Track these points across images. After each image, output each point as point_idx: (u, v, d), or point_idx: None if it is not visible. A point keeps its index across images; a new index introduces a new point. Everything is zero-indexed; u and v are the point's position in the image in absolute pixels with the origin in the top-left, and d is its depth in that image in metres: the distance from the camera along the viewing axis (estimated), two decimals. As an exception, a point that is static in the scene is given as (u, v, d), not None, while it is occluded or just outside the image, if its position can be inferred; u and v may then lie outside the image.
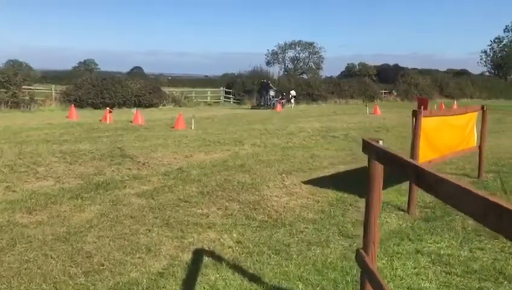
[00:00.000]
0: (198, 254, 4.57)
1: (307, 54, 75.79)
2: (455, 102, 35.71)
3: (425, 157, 6.49)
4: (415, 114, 6.00)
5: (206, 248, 4.74)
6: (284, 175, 8.28)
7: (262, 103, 30.35)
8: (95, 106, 25.76)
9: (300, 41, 74.35)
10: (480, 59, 71.35)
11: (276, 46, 75.00)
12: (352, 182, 7.70)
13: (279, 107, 28.14)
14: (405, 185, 7.57)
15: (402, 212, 6.12)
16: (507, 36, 69.35)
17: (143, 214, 5.86)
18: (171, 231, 5.23)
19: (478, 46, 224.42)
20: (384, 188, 7.51)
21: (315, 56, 75.11)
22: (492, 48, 67.67)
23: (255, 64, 53.86)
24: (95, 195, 6.71)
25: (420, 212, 6.16)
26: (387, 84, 47.08)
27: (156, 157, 9.89)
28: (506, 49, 65.06)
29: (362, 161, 10.37)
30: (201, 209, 6.10)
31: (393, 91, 43.94)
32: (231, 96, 34.79)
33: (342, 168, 9.13)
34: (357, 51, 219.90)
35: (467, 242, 5.05)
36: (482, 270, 4.31)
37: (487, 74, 65.74)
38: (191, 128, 15.84)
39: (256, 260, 4.42)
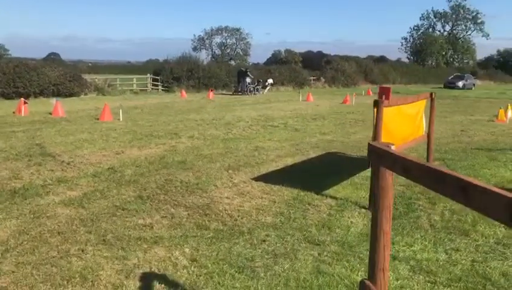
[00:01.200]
0: (146, 280, 3.77)
1: (234, 40, 75.13)
2: (369, 89, 36.85)
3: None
4: (377, 104, 5.54)
5: (156, 271, 3.94)
6: (231, 172, 7.59)
7: (239, 90, 31.58)
8: (7, 96, 23.27)
9: (227, 27, 73.49)
10: (401, 45, 74.77)
11: (202, 32, 73.58)
12: (304, 177, 7.19)
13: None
14: (358, 178, 7.21)
15: (364, 210, 5.69)
16: (423, 24, 73.31)
17: (73, 228, 4.90)
18: (109, 249, 4.35)
19: (396, 34, 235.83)
20: (336, 182, 7.11)
21: (242, 42, 74.69)
22: (412, 35, 71.19)
23: (182, 50, 52.30)
24: (10, 206, 5.60)
25: (382, 209, 5.75)
26: (312, 71, 47.61)
27: (82, 155, 8.76)
28: (423, 37, 68.66)
29: (306, 152, 10.06)
30: (143, 218, 5.25)
31: (322, 78, 44.55)
32: (159, 83, 33.18)
33: (289, 161, 8.60)
34: (282, 38, 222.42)
35: (440, 243, 4.68)
36: (467, 276, 3.93)
37: (405, 60, 68.96)
38: (119, 119, 14.60)
39: (219, 283, 3.72)
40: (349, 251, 4.43)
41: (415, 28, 71.88)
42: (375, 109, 5.58)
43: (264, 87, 33.23)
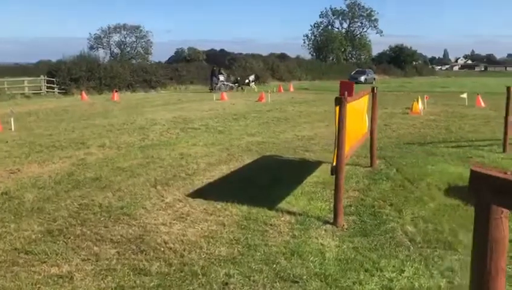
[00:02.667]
0: None
1: (134, 38, 71.92)
2: (291, 84, 37.10)
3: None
4: (340, 102, 4.72)
5: None
6: (160, 188, 6.37)
7: (210, 88, 31.68)
8: None
9: (125, 24, 70.08)
10: (304, 42, 76.72)
11: (99, 30, 69.38)
12: (248, 189, 6.22)
13: (223, 94, 25.22)
14: (308, 186, 6.41)
15: (329, 226, 4.86)
16: (322, 22, 75.87)
17: (-49, 294, 3.45)
18: (10, 325, 3.02)
19: (294, 32, 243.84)
20: (286, 193, 6.22)
21: (143, 40, 71.79)
22: (313, 33, 73.30)
23: (77, 49, 48.51)
24: None
25: (347, 222, 4.98)
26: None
27: (-36, 178, 6.96)
28: (324, 34, 71.04)
29: (240, 157, 9.05)
30: (58, 265, 3.92)
31: (231, 76, 43.83)
32: (55, 85, 30.04)
33: (224, 169, 7.57)
34: (184, 36, 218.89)
35: (431, 263, 3.98)
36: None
37: (307, 56, 70.77)
38: (11, 129, 12.46)
39: None
40: (336, 287, 3.54)
41: (316, 25, 74.18)
42: (338, 108, 4.76)
43: (246, 84, 33.32)
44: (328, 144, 9.88)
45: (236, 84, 33.63)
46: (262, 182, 6.65)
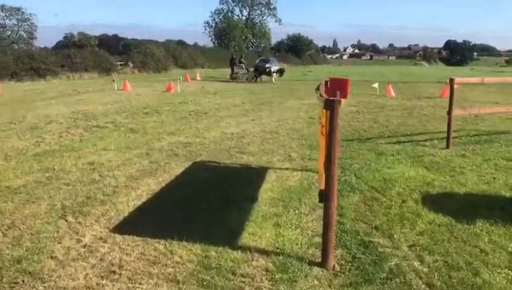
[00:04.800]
0: None
1: (15, 21, 64.47)
2: (198, 72, 35.49)
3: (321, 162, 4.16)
4: (331, 105, 3.51)
5: None
6: (71, 219, 4.69)
7: (230, 77, 30.47)
8: None
9: (3, 5, 62.43)
10: (205, 29, 74.74)
11: (-30, 12, 61.07)
12: (191, 213, 4.81)
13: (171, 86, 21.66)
14: (266, 206, 5.18)
15: (318, 270, 3.68)
16: (223, 9, 74.61)
17: None
18: None
19: (193, 18, 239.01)
20: (244, 218, 4.80)
21: (25, 24, 64.63)
22: (214, 19, 71.71)
23: None
24: None
25: (336, 259, 3.84)
26: (118, 56, 43.54)
27: None
28: (226, 21, 69.83)
29: (166, 165, 7.31)
30: None
31: (129, 63, 40.88)
32: None
33: (151, 184, 6.03)
34: (73, 20, 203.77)
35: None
36: None
37: (205, 44, 68.96)
38: None
39: None
40: None
41: (216, 12, 72.69)
42: (329, 112, 3.55)
43: (265, 74, 29.79)
44: (263, 144, 8.75)
45: (254, 74, 30.19)
46: (206, 201, 5.27)
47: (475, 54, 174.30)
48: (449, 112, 8.41)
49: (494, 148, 8.37)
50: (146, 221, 4.66)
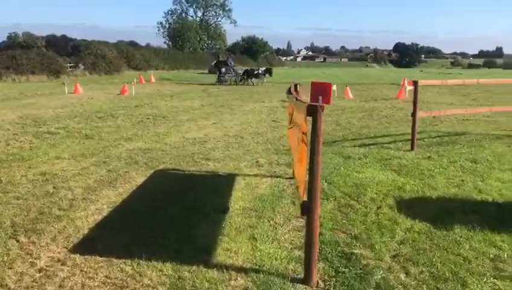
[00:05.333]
0: None
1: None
2: (152, 74, 34.65)
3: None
4: (314, 111, 3.26)
5: None
6: (23, 239, 4.20)
7: (217, 80, 29.44)
8: None
9: None
10: (158, 30, 73.21)
11: None
12: (159, 228, 4.44)
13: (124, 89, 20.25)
14: (239, 217, 4.89)
15: (301, 286, 3.43)
16: (176, 9, 73.46)
17: None
18: None
19: (144, 19, 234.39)
20: (215, 232, 4.39)
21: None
22: (167, 20, 70.40)
23: None
24: None
25: (319, 273, 3.59)
26: (68, 57, 41.86)
27: None
28: (180, 22, 68.71)
29: (126, 174, 6.81)
30: None
31: (80, 64, 39.35)
32: None
33: (111, 196, 5.58)
34: (17, 19, 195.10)
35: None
36: None
37: (159, 45, 67.59)
38: None
39: None
40: None
41: (169, 12, 71.44)
42: (311, 119, 3.31)
43: (255, 76, 28.72)
44: (228, 149, 8.45)
45: (242, 77, 28.93)
46: (173, 214, 4.91)
47: (423, 56, 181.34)
48: (413, 114, 8.41)
49: (457, 149, 8.46)
50: (109, 238, 4.25)
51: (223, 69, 30.06)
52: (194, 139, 9.48)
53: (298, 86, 6.26)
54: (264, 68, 30.77)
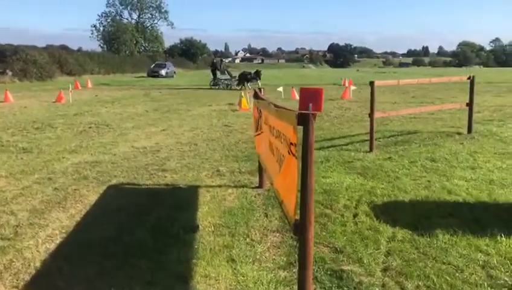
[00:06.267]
0: None
1: None
2: (89, 79, 33.02)
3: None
4: (306, 120, 2.94)
5: None
6: (-38, 283, 3.55)
7: (212, 83, 28.02)
8: None
9: None
10: (92, 33, 70.23)
11: None
12: (124, 254, 3.96)
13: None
14: (211, 236, 4.49)
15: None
16: (111, 12, 70.91)
17: None
18: None
19: (75, 22, 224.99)
20: (186, 256, 3.83)
21: None
22: (101, 23, 67.70)
23: None
24: None
25: (309, 298, 3.29)
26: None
27: None
28: (115, 24, 66.28)
29: (75, 192, 6.34)
30: None
31: (8, 71, 36.79)
32: None
33: (63, 219, 4.95)
34: None
35: None
36: None
37: (94, 49, 64.84)
38: None
39: None
40: None
41: (103, 15, 68.81)
42: (303, 128, 2.98)
43: (249, 81, 26.80)
44: (184, 158, 7.99)
45: (238, 81, 26.78)
46: (139, 237, 4.40)
47: (356, 56, 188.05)
48: (371, 115, 8.36)
49: (414, 149, 8.51)
50: (66, 272, 3.69)
51: (218, 72, 28.56)
52: (144, 148, 8.90)
53: (262, 89, 5.96)
54: (253, 71, 28.81)
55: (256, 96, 5.70)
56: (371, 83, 8.34)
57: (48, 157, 8.09)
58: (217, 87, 27.53)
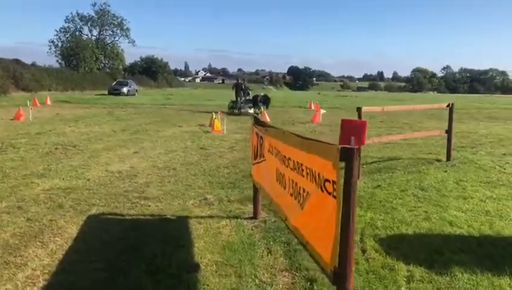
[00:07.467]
0: None
1: None
2: (48, 96, 31.68)
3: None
4: (350, 156, 2.64)
5: None
6: None
7: (235, 108, 23.02)
8: None
9: None
10: (50, 49, 67.94)
11: None
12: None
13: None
14: (211, 274, 4.08)
15: None
16: (69, 27, 69.12)
17: None
18: None
19: (27, 36, 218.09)
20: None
21: None
22: (60, 38, 65.70)
23: None
24: None
25: None
26: None
27: None
28: (74, 40, 64.47)
29: (54, 224, 5.55)
30: None
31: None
32: None
33: (42, 255, 4.39)
34: None
35: None
36: None
37: (50, 64, 62.46)
38: None
39: None
40: None
41: (62, 30, 66.90)
42: (346, 164, 2.68)
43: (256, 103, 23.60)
44: (164, 184, 7.52)
45: (253, 104, 23.61)
46: (135, 279, 3.92)
47: (314, 79, 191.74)
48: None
49: (400, 176, 8.40)
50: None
51: (242, 94, 24.46)
52: (119, 172, 8.33)
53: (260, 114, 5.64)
54: (262, 94, 25.96)
55: (257, 121, 5.38)
56: (358, 109, 8.20)
57: (14, 182, 7.39)
58: (237, 111, 22.86)
